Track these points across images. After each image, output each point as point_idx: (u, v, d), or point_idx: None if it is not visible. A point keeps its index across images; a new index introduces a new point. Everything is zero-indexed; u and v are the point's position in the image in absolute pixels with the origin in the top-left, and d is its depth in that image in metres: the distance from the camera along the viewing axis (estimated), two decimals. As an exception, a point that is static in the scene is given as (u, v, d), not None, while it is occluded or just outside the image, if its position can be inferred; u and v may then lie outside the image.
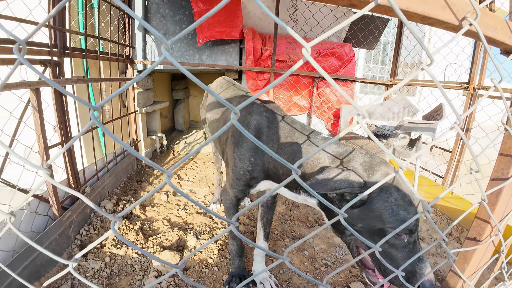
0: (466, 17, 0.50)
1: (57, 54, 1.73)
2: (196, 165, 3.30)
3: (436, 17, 0.48)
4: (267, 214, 1.52)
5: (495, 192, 0.74)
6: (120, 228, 1.97)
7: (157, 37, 2.82)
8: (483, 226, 0.78)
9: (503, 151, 0.74)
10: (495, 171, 0.76)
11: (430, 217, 0.58)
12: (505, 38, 0.59)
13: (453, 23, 0.50)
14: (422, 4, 0.46)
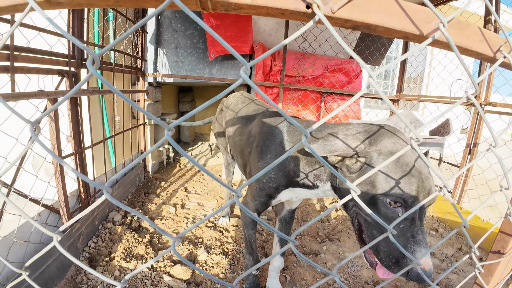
0: (500, 49, 0.53)
1: (74, 65, 1.76)
2: (203, 178, 3.29)
3: (475, 50, 0.51)
4: (284, 228, 1.51)
5: None
6: (129, 241, 1.93)
7: (168, 51, 2.88)
8: (506, 240, 0.79)
9: None
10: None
11: (464, 231, 0.59)
12: None
13: (488, 55, 0.53)
14: (464, 38, 0.49)
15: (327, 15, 0.40)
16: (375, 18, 0.41)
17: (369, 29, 0.44)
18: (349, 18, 0.41)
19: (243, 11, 0.42)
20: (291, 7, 0.39)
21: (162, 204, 2.54)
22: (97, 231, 2.01)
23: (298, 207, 2.72)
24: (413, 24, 0.43)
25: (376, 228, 0.78)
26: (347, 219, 2.57)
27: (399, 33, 0.44)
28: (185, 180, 3.16)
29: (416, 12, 0.43)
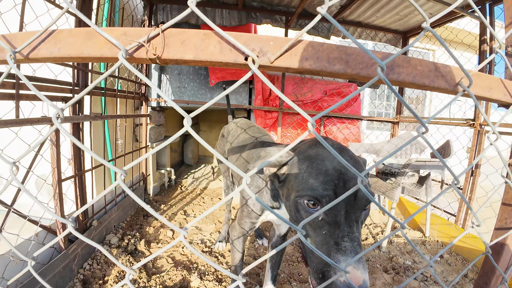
0: (460, 83, 0.55)
1: (78, 92, 1.86)
2: (203, 201, 3.28)
3: (433, 86, 0.53)
4: (276, 255, 1.49)
5: (499, 242, 0.74)
6: (124, 264, 1.91)
7: (171, 76, 3.01)
8: (489, 275, 0.76)
9: (505, 201, 0.75)
10: (499, 221, 0.76)
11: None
12: (500, 96, 0.62)
13: (450, 89, 0.55)
14: (422, 77, 0.51)
15: (265, 64, 0.43)
16: (316, 65, 0.44)
17: (311, 73, 0.47)
18: (289, 66, 0.44)
19: (190, 64, 0.47)
20: (230, 60, 0.43)
21: (160, 227, 2.54)
22: (93, 253, 2.01)
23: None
24: (353, 68, 0.46)
25: (306, 237, 0.71)
26: (347, 244, 2.49)
27: (342, 75, 0.47)
28: (185, 203, 3.16)
29: (357, 56, 0.46)
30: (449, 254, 2.34)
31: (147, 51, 0.46)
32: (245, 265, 2.06)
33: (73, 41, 0.53)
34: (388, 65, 0.46)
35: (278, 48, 0.42)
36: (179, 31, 0.45)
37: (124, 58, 0.47)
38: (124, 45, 0.48)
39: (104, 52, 0.51)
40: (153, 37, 0.46)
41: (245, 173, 0.45)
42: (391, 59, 0.45)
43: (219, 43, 0.43)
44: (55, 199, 1.72)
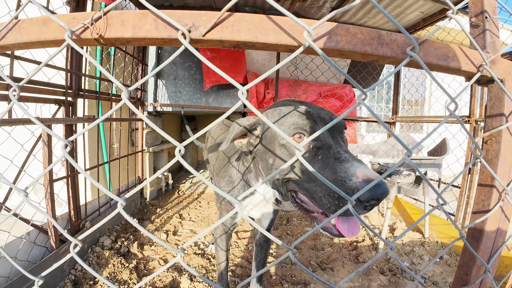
0: (406, 50, 0.53)
1: (71, 95, 1.90)
2: (199, 205, 3.28)
3: (377, 54, 0.52)
4: (260, 253, 1.47)
5: (478, 227, 0.67)
6: (115, 266, 1.92)
7: (167, 82, 3.06)
8: (470, 265, 0.69)
9: (481, 181, 0.69)
10: (476, 203, 0.70)
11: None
12: (461, 64, 0.60)
13: (396, 57, 0.53)
14: (364, 45, 0.51)
15: (198, 38, 0.45)
16: (247, 36, 0.45)
17: (247, 46, 0.48)
18: (221, 39, 0.45)
19: (131, 43, 0.48)
20: (165, 36, 0.45)
21: (155, 231, 2.54)
22: (86, 254, 2.02)
23: (292, 234, 2.64)
24: (285, 38, 0.47)
25: (302, 178, 0.71)
26: (343, 247, 2.45)
27: (277, 46, 0.48)
28: (181, 207, 3.17)
29: (290, 25, 0.47)
30: (448, 255, 2.28)
31: (92, 32, 0.48)
32: (239, 268, 2.04)
33: (33, 28, 0.56)
34: (324, 33, 0.47)
35: (210, 21, 0.43)
36: (120, 12, 0.47)
37: (71, 39, 0.49)
38: (71, 27, 0.50)
39: (57, 36, 0.53)
40: (96, 19, 0.48)
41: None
42: (319, 24, 0.45)
43: (154, 20, 0.45)
44: (46, 199, 1.75)
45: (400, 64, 0.52)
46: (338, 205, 0.61)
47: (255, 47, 0.48)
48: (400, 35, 0.52)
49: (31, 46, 0.56)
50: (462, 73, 0.59)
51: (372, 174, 0.58)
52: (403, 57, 0.51)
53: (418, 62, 0.51)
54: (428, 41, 0.53)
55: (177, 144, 0.46)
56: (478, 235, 0.62)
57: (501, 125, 0.57)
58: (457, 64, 0.55)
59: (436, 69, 0.57)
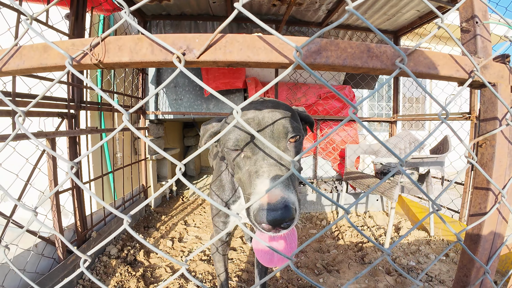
0: (395, 62, 0.55)
1: (73, 107, 1.94)
2: (204, 211, 3.30)
3: (367, 67, 0.53)
4: None
5: (476, 230, 0.68)
6: (122, 275, 1.94)
7: (167, 90, 3.09)
8: (469, 267, 0.70)
9: (477, 185, 0.70)
10: (473, 207, 0.70)
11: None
12: (452, 71, 0.60)
13: (387, 69, 0.55)
14: (354, 59, 0.52)
15: (192, 60, 0.46)
16: (239, 56, 0.47)
17: (240, 65, 0.50)
18: (215, 60, 0.47)
19: (129, 67, 0.50)
20: (161, 59, 0.47)
21: (160, 238, 2.56)
22: (93, 264, 2.04)
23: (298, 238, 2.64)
24: (276, 56, 0.49)
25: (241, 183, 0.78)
26: (348, 248, 2.45)
27: (269, 64, 0.49)
28: (186, 214, 3.18)
29: (280, 44, 0.49)
30: (455, 253, 2.27)
31: (91, 58, 0.50)
32: (245, 273, 2.05)
33: (33, 55, 0.58)
34: (314, 50, 0.48)
35: (203, 44, 0.45)
36: (116, 38, 0.49)
37: (71, 65, 0.51)
38: (71, 54, 0.52)
39: (57, 62, 0.56)
40: (95, 45, 0.50)
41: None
42: (309, 42, 0.46)
43: (150, 45, 0.47)
44: (52, 211, 1.77)
45: (390, 75, 0.53)
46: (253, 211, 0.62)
47: (248, 65, 0.50)
48: (389, 46, 0.54)
49: (32, 71, 0.58)
50: (454, 79, 0.60)
51: (273, 197, 0.57)
52: (393, 68, 0.53)
53: (407, 73, 0.52)
54: (418, 51, 0.54)
55: (177, 163, 0.48)
56: (476, 238, 0.63)
57: (495, 128, 0.58)
58: (448, 72, 0.57)
59: (428, 77, 0.58)
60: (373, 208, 3.27)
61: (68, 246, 1.85)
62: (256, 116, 0.77)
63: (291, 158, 0.48)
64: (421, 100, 5.34)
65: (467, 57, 0.60)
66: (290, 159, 0.47)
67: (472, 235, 0.64)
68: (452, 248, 2.35)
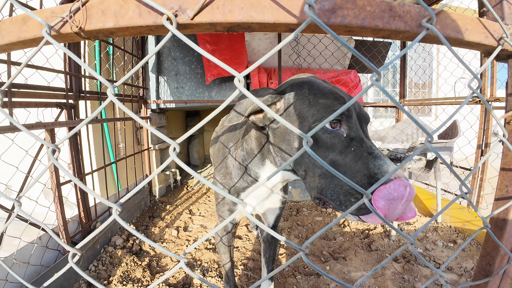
0: (421, 22, 0.47)
1: (72, 97, 1.89)
2: (209, 199, 3.28)
3: (389, 28, 0.46)
4: (269, 250, 1.42)
5: (501, 214, 0.62)
6: (128, 265, 1.94)
7: (169, 78, 3.03)
8: (493, 255, 0.64)
9: (505, 165, 0.63)
10: (499, 190, 0.64)
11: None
12: (481, 37, 0.54)
13: (411, 31, 0.48)
14: (374, 18, 0.45)
15: (186, 22, 0.40)
16: (241, 16, 0.41)
17: (242, 28, 0.43)
18: (212, 21, 0.41)
19: (115, 34, 0.45)
20: (150, 23, 0.41)
21: (165, 227, 2.55)
22: (99, 255, 2.04)
23: (303, 225, 2.62)
24: (289, 14, 0.42)
25: (344, 169, 0.64)
26: (355, 235, 2.42)
27: (275, 26, 0.43)
28: (191, 203, 3.17)
29: (290, 0, 0.42)
30: (462, 240, 2.23)
31: (71, 26, 0.45)
32: (251, 261, 2.04)
33: (13, 28, 0.53)
34: (328, 7, 0.42)
35: (198, 2, 0.39)
36: (99, 1, 0.43)
37: (49, 35, 0.46)
38: (50, 22, 0.46)
39: (37, 33, 0.50)
40: (75, 10, 0.45)
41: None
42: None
43: (137, 6, 0.41)
44: (55, 203, 1.76)
45: (415, 38, 0.46)
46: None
47: (251, 28, 0.43)
48: (413, 5, 0.47)
49: (12, 47, 0.53)
50: (482, 47, 0.53)
51: (403, 175, 0.57)
52: (418, 30, 0.46)
53: (436, 35, 0.45)
54: (444, 12, 0.48)
55: (172, 142, 0.43)
56: (501, 223, 0.58)
57: (525, 103, 0.52)
58: (477, 38, 0.50)
59: (454, 43, 0.51)
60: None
61: (72, 238, 1.85)
62: (345, 96, 0.71)
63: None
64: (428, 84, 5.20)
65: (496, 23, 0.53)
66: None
67: (498, 220, 0.59)
68: (460, 235, 2.31)
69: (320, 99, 0.68)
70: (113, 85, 0.42)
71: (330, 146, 0.65)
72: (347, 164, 0.63)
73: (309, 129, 0.68)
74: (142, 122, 0.44)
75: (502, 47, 0.54)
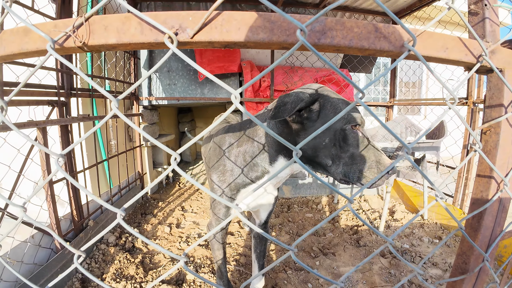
0: (403, 43, 0.51)
1: (64, 95, 1.87)
2: (201, 196, 3.30)
3: (374, 48, 0.50)
4: (259, 245, 1.46)
5: (476, 217, 0.67)
6: (121, 262, 1.95)
7: (161, 74, 3.01)
8: (468, 254, 0.69)
9: (480, 172, 0.69)
10: (474, 194, 0.70)
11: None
12: (461, 55, 0.57)
13: (394, 51, 0.51)
14: (361, 39, 0.48)
15: (186, 41, 0.43)
16: (237, 36, 0.43)
17: (238, 46, 0.46)
18: (210, 40, 0.43)
19: (117, 49, 0.46)
20: (152, 40, 0.43)
21: (158, 224, 2.57)
22: (91, 252, 2.05)
23: (294, 221, 2.68)
24: (278, 36, 0.45)
25: (351, 158, 0.87)
26: (344, 231, 2.49)
27: (270, 45, 0.46)
28: (183, 200, 3.19)
29: (282, 23, 0.45)
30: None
31: (75, 40, 0.46)
32: (242, 257, 2.08)
33: (14, 39, 0.54)
34: (318, 29, 0.45)
35: (197, 22, 0.41)
36: (102, 17, 0.45)
37: (53, 49, 0.47)
38: (53, 37, 0.48)
39: (39, 46, 0.51)
40: (78, 25, 0.46)
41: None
42: (313, 20, 0.43)
43: (139, 24, 0.43)
44: (47, 201, 1.75)
45: (398, 58, 0.50)
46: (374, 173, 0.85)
47: (247, 46, 0.46)
48: (398, 26, 0.50)
49: (14, 57, 0.54)
50: (462, 63, 0.57)
51: (391, 162, 0.82)
52: (401, 50, 0.50)
53: (416, 55, 0.49)
54: (427, 32, 0.51)
55: (172, 153, 0.45)
56: (476, 225, 0.62)
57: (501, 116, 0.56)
58: (457, 56, 0.54)
59: (436, 61, 0.55)
60: (368, 192, 3.31)
61: (65, 236, 1.85)
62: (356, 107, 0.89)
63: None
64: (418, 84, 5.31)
65: (475, 40, 0.57)
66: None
67: (473, 222, 0.64)
68: (446, 232, 2.41)
69: (342, 105, 0.89)
70: (117, 99, 0.44)
71: (352, 142, 0.86)
72: (362, 154, 0.86)
73: (341, 128, 0.87)
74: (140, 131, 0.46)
75: (481, 64, 0.58)
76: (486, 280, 0.69)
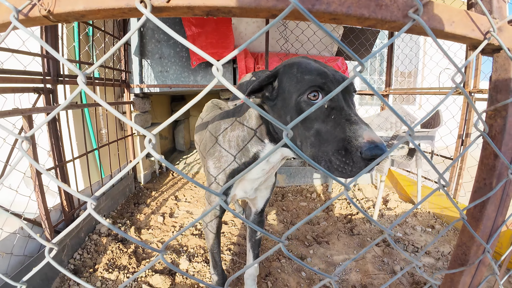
0: (408, 13, 0.46)
1: (50, 81, 1.79)
2: (194, 185, 3.27)
3: (375, 17, 0.45)
4: (255, 234, 1.46)
5: (478, 206, 0.64)
6: (114, 252, 1.93)
7: (152, 61, 2.92)
8: (468, 245, 0.66)
9: (483, 158, 0.65)
10: (477, 182, 0.65)
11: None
12: (467, 31, 0.54)
13: (397, 21, 0.47)
14: (360, 7, 0.44)
15: (161, 5, 0.38)
16: (221, 0, 0.39)
17: (222, 12, 0.41)
18: (190, 5, 0.38)
19: (86, 18, 0.41)
20: (123, 5, 0.38)
21: (151, 214, 2.54)
22: (83, 243, 2.01)
23: (288, 210, 2.67)
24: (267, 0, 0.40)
25: (314, 137, 0.72)
26: (338, 220, 2.49)
27: (257, 11, 0.41)
28: (176, 189, 3.16)
29: None
30: (440, 225, 2.35)
31: (40, 9, 0.41)
32: (236, 246, 2.07)
33: (-18, 14, 0.48)
34: None
35: (175, -17, 0.36)
36: (70, -18, 0.39)
37: (17, 19, 0.42)
38: (17, 6, 0.42)
39: (4, 18, 0.46)
40: (45, -8, 0.41)
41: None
42: None
43: (109, -13, 0.38)
44: (36, 192, 1.70)
45: (401, 29, 0.45)
46: (347, 155, 0.64)
47: (232, 13, 0.41)
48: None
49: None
50: (468, 40, 0.53)
51: (376, 137, 0.62)
52: (404, 21, 0.45)
53: (422, 26, 0.44)
54: (432, 2, 0.47)
55: (147, 134, 0.41)
56: (478, 215, 0.60)
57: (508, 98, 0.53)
58: (463, 31, 0.49)
59: (440, 35, 0.50)
60: (362, 180, 3.32)
61: (55, 226, 1.81)
62: (329, 72, 0.75)
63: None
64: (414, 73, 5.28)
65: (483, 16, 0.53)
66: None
67: (475, 212, 0.61)
68: (438, 221, 2.43)
69: (305, 76, 0.74)
70: (84, 73, 0.40)
71: (313, 117, 0.72)
72: (328, 131, 0.69)
73: (296, 102, 0.75)
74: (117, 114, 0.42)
75: (488, 41, 0.54)
76: (485, 272, 0.68)
